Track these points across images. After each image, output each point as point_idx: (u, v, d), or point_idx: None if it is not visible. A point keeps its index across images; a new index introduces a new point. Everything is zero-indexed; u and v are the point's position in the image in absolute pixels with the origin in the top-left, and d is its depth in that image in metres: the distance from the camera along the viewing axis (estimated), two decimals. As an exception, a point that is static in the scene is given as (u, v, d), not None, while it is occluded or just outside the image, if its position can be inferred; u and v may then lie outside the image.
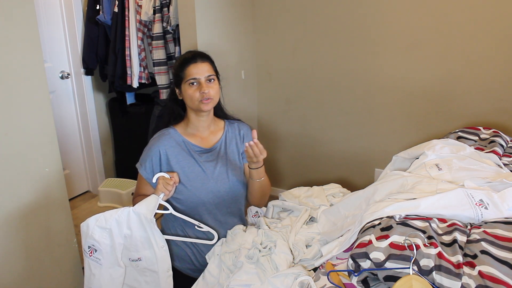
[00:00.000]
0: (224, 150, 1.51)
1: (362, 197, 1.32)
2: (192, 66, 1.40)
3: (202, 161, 1.47)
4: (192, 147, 1.47)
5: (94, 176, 3.13)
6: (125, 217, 1.25)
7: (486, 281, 0.84)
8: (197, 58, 1.42)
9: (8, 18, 1.37)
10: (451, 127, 2.14)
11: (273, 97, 2.83)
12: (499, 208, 1.09)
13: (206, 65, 1.42)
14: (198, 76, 1.40)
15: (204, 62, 1.42)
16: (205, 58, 1.44)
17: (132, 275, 1.31)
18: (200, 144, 1.49)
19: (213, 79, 1.43)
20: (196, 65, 1.40)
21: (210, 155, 1.49)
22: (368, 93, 2.46)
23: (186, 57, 1.44)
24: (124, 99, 2.99)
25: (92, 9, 2.74)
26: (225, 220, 1.49)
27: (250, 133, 1.54)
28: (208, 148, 1.50)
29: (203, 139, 1.50)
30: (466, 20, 2.09)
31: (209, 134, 1.52)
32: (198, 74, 1.40)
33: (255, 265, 1.18)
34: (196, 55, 1.43)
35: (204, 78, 1.40)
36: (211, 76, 1.42)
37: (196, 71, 1.40)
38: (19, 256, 1.53)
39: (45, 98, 1.53)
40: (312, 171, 2.84)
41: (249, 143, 1.31)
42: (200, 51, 1.49)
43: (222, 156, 1.50)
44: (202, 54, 1.46)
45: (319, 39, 2.53)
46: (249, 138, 1.53)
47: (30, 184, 1.52)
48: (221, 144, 1.52)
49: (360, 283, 0.98)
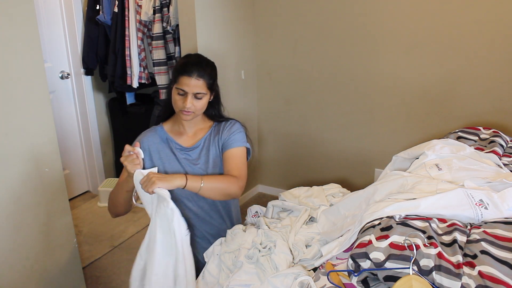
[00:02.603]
0: (207, 148, 1.51)
1: (362, 197, 1.32)
2: (186, 77, 1.37)
3: (183, 158, 1.49)
4: (174, 145, 1.50)
5: (94, 176, 3.13)
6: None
7: (486, 281, 0.84)
8: (193, 72, 1.37)
9: (8, 18, 1.38)
10: (451, 127, 2.14)
11: (273, 97, 2.83)
12: (499, 208, 1.09)
13: (200, 82, 1.38)
14: (187, 90, 1.38)
15: (199, 79, 1.38)
16: (203, 74, 1.39)
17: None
18: (182, 142, 1.52)
19: (200, 97, 1.40)
20: (189, 79, 1.37)
21: (192, 153, 1.51)
22: (368, 93, 2.46)
23: (188, 64, 1.40)
24: (124, 99, 2.99)
25: (92, 9, 2.74)
26: (205, 216, 1.53)
27: (233, 126, 1.52)
28: (188, 147, 1.51)
29: (188, 138, 1.53)
30: (466, 20, 2.09)
31: (195, 132, 1.54)
32: (188, 87, 1.37)
33: (254, 265, 1.18)
34: (195, 68, 1.38)
35: (191, 93, 1.38)
36: (199, 94, 1.39)
37: (187, 84, 1.37)
38: (19, 256, 1.53)
39: (45, 98, 1.53)
40: (312, 171, 2.84)
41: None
42: (203, 61, 1.44)
43: (204, 154, 1.51)
44: (202, 68, 1.40)
45: (319, 40, 2.53)
46: (229, 129, 1.51)
47: (30, 184, 1.52)
48: (203, 143, 1.52)
49: (360, 283, 0.98)
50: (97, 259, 2.30)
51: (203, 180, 1.32)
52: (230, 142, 1.49)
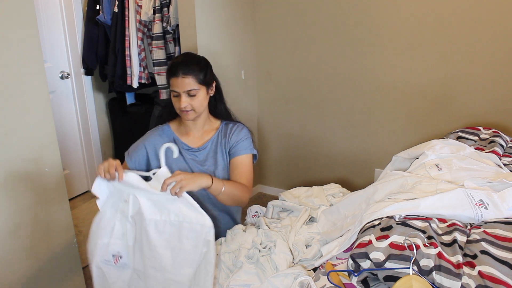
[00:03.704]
0: (214, 150, 1.50)
1: (362, 197, 1.32)
2: (173, 78, 1.39)
3: (190, 159, 1.49)
4: (181, 145, 1.50)
5: (94, 176, 3.08)
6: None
7: (486, 281, 0.84)
8: (179, 72, 1.37)
9: (8, 18, 1.38)
10: (451, 127, 2.14)
11: (273, 97, 2.83)
12: (499, 208, 1.09)
13: (187, 79, 1.37)
14: (178, 90, 1.39)
15: (185, 77, 1.37)
16: (187, 72, 1.37)
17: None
18: (190, 142, 1.51)
19: (193, 93, 1.39)
20: (176, 79, 1.38)
21: (199, 154, 1.50)
22: (368, 93, 2.46)
23: (173, 65, 1.40)
24: (124, 99, 2.99)
25: (92, 9, 2.74)
26: (213, 215, 1.52)
27: (241, 131, 1.52)
28: (196, 147, 1.51)
29: (195, 138, 1.52)
30: (466, 21, 2.09)
31: (202, 133, 1.53)
32: (178, 88, 1.38)
33: (254, 265, 1.18)
34: (179, 68, 1.38)
35: (183, 92, 1.39)
36: (191, 91, 1.39)
37: (176, 85, 1.38)
38: (19, 256, 1.53)
39: (45, 98, 1.53)
40: (312, 171, 2.84)
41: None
42: (189, 57, 1.44)
43: (212, 157, 1.50)
44: (186, 65, 1.39)
45: (319, 40, 2.53)
46: (237, 135, 1.51)
47: (30, 184, 1.52)
48: (211, 144, 1.51)
49: (360, 283, 0.98)
50: (97, 259, 2.30)
51: (224, 184, 1.33)
52: (238, 148, 1.48)
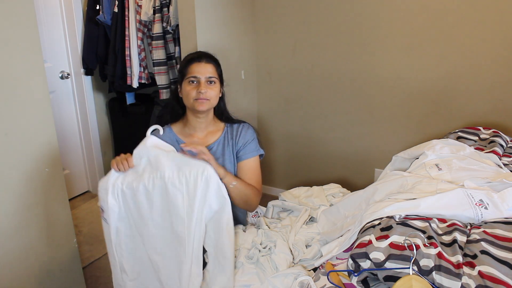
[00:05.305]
0: (221, 152, 1.48)
1: (362, 197, 1.32)
2: (195, 64, 1.41)
3: None
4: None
5: (94, 176, 3.13)
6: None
7: (486, 281, 0.84)
8: (202, 58, 1.43)
9: (8, 18, 1.38)
10: (451, 127, 2.14)
11: (273, 97, 2.83)
12: (499, 208, 1.09)
13: (210, 67, 1.42)
14: (199, 75, 1.40)
15: (208, 63, 1.42)
16: (211, 60, 1.44)
17: None
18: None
19: (213, 81, 1.42)
20: (199, 64, 1.41)
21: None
22: (368, 93, 2.46)
23: (193, 55, 1.45)
24: (124, 99, 2.99)
25: (92, 9, 2.74)
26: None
27: (247, 132, 1.51)
28: None
29: (199, 140, 1.49)
30: (466, 20, 2.09)
31: (207, 135, 1.51)
32: (200, 73, 1.40)
33: (255, 265, 1.18)
34: (202, 55, 1.44)
35: (204, 78, 1.40)
36: (212, 78, 1.42)
37: (198, 70, 1.40)
38: (19, 256, 1.53)
39: (45, 98, 1.53)
40: (312, 171, 2.84)
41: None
42: (210, 53, 1.49)
43: (218, 158, 1.46)
44: (209, 55, 1.46)
45: (319, 39, 2.53)
46: (244, 136, 1.50)
47: (30, 184, 1.52)
48: (217, 146, 1.49)
49: (360, 283, 0.98)
50: (97, 259, 2.30)
51: (236, 180, 1.34)
52: (246, 151, 1.48)
